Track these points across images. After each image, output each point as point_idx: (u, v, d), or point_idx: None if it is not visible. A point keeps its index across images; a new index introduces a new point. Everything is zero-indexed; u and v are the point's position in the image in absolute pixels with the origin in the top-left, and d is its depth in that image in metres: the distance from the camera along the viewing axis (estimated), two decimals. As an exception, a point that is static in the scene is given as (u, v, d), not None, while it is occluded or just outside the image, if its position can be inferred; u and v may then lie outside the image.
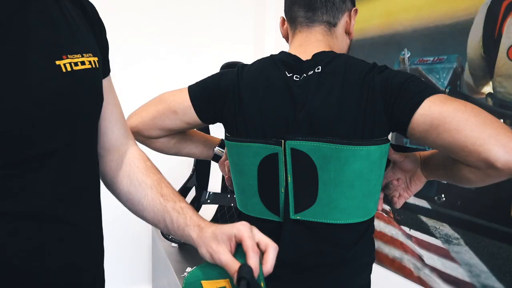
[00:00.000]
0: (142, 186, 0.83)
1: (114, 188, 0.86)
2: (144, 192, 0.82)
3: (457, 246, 1.54)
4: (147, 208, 0.81)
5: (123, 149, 0.86)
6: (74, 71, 0.66)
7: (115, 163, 0.85)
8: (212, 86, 1.01)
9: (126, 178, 0.84)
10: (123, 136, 0.87)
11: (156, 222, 0.81)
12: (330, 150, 0.86)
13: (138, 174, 0.84)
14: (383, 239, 1.82)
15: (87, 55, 0.70)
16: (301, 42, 0.99)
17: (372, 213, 0.95)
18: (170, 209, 0.79)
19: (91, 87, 0.72)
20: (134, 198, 0.83)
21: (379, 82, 0.86)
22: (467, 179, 0.84)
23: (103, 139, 0.83)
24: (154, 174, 0.85)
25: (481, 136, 0.75)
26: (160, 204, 0.80)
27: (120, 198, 0.86)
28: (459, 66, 1.50)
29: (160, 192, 0.81)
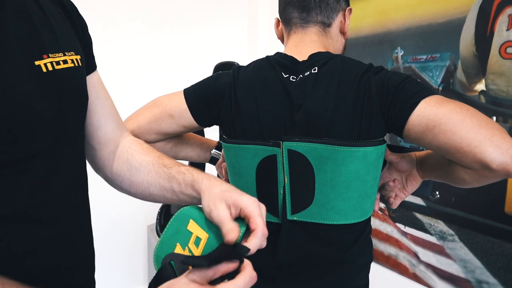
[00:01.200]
0: (143, 165, 0.82)
1: (114, 178, 0.85)
2: (147, 169, 0.81)
3: (452, 242, 1.56)
4: (152, 182, 0.80)
5: (118, 140, 0.86)
6: (56, 70, 0.65)
7: (112, 155, 0.84)
8: (208, 88, 1.00)
9: (126, 164, 0.83)
10: (118, 128, 0.86)
11: (164, 192, 0.79)
12: (327, 151, 0.87)
13: (137, 156, 0.83)
14: (378, 236, 1.84)
15: (69, 53, 0.69)
16: (296, 43, 0.99)
17: (368, 214, 0.95)
18: (175, 174, 0.77)
19: (74, 86, 0.70)
20: (137, 180, 0.82)
21: (375, 83, 0.87)
22: (462, 179, 0.85)
23: (98, 134, 0.83)
24: (153, 151, 0.85)
25: (477, 137, 0.75)
26: (164, 173, 0.79)
27: (123, 186, 0.85)
28: (452, 64, 1.51)
29: (162, 164, 0.80)
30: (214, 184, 0.70)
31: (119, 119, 0.88)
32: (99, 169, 0.87)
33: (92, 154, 0.85)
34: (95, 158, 0.85)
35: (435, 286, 1.62)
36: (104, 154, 0.84)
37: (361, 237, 0.96)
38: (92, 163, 0.87)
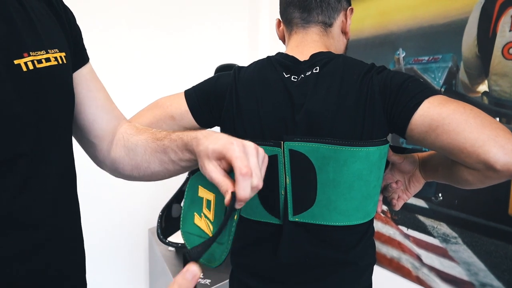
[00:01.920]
0: (139, 145, 0.81)
1: (116, 167, 0.84)
2: (143, 149, 0.80)
3: (455, 245, 1.54)
4: (151, 160, 0.79)
5: (115, 131, 0.84)
6: (37, 69, 0.63)
7: (110, 146, 0.83)
8: (209, 89, 1.00)
9: (123, 150, 0.82)
10: (114, 119, 0.85)
11: (165, 165, 0.78)
12: (329, 151, 0.86)
13: (132, 138, 0.82)
14: (381, 239, 1.82)
15: (53, 50, 0.67)
16: (297, 43, 0.98)
17: (371, 215, 0.94)
18: (168, 143, 0.76)
19: (57, 85, 0.68)
20: (137, 161, 0.80)
21: (378, 83, 0.86)
22: (466, 180, 0.84)
23: (94, 127, 0.81)
24: (148, 130, 0.83)
25: (480, 137, 0.74)
26: (159, 147, 0.77)
27: (125, 172, 0.83)
28: (454, 65, 1.50)
29: (156, 138, 0.79)
30: (201, 142, 0.67)
31: (115, 109, 0.86)
32: (102, 163, 0.85)
33: (92, 149, 0.83)
34: (96, 152, 0.84)
35: (438, 289, 1.61)
36: (103, 147, 0.83)
37: (364, 238, 0.95)
38: (94, 158, 0.85)
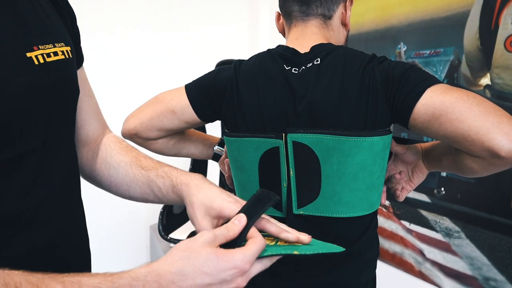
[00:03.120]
0: (121, 166, 0.80)
1: (94, 177, 0.83)
2: (124, 171, 0.79)
3: (458, 239, 1.54)
4: (131, 186, 0.78)
5: (99, 139, 0.83)
6: (47, 63, 0.62)
7: (91, 154, 0.82)
8: (209, 83, 0.99)
9: (104, 163, 0.81)
10: (100, 127, 0.84)
11: (146, 196, 0.78)
12: (333, 142, 0.85)
13: (115, 156, 0.81)
14: (383, 234, 1.82)
15: (59, 44, 0.66)
16: (297, 36, 0.98)
17: (376, 206, 0.94)
18: (154, 177, 0.75)
19: (65, 79, 0.67)
20: (116, 180, 0.80)
21: (380, 73, 0.85)
22: (470, 168, 0.83)
23: (80, 132, 0.80)
24: (131, 151, 0.82)
25: (484, 125, 0.74)
26: (142, 176, 0.77)
27: (103, 185, 0.83)
28: (456, 58, 1.50)
29: (140, 166, 0.78)
30: (193, 192, 0.69)
31: (102, 117, 0.86)
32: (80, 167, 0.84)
33: None
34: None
35: (441, 283, 1.60)
36: (83, 153, 0.82)
37: (368, 231, 0.95)
38: None
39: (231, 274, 0.53)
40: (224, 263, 0.53)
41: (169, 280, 0.51)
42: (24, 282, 0.46)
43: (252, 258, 0.55)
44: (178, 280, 0.51)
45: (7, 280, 0.46)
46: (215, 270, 0.52)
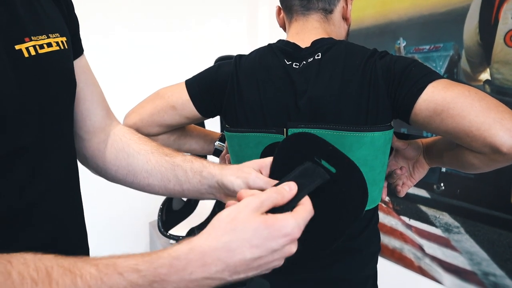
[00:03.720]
0: (142, 153, 0.78)
1: (109, 168, 0.81)
2: (146, 158, 0.78)
3: (458, 234, 1.54)
4: (152, 172, 0.77)
5: (108, 129, 0.82)
6: (39, 55, 0.60)
7: (103, 144, 0.80)
8: (210, 78, 0.99)
9: (121, 153, 0.80)
10: (107, 116, 0.83)
11: (165, 182, 0.76)
12: (334, 137, 0.85)
13: (134, 145, 0.80)
14: (383, 229, 1.82)
15: (54, 35, 0.63)
16: (298, 31, 0.97)
17: (376, 201, 0.94)
18: (180, 162, 0.74)
19: (60, 71, 0.65)
20: (135, 168, 0.78)
21: (381, 68, 0.85)
22: (472, 164, 0.83)
23: (87, 123, 0.78)
24: (150, 141, 0.81)
25: (486, 121, 0.74)
26: (167, 162, 0.76)
27: (118, 175, 0.81)
28: (455, 53, 1.49)
29: (163, 153, 0.77)
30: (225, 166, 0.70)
31: (108, 107, 0.84)
32: (87, 160, 0.83)
33: (80, 145, 0.81)
34: (84, 149, 0.81)
35: (440, 279, 1.61)
36: (93, 144, 0.80)
37: (369, 226, 0.95)
38: (79, 154, 0.82)
39: (282, 243, 0.50)
40: (275, 232, 0.49)
41: (214, 258, 0.47)
42: (55, 266, 0.45)
43: (303, 225, 0.52)
44: (225, 256, 0.48)
45: (38, 264, 0.45)
46: (265, 241, 0.49)
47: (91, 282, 0.45)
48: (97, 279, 0.45)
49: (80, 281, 0.44)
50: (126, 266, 0.47)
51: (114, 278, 0.45)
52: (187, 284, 0.47)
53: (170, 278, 0.47)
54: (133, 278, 0.46)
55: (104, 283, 0.45)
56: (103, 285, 0.45)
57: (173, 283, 0.47)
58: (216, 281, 0.48)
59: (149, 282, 0.46)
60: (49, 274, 0.44)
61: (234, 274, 0.49)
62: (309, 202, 0.55)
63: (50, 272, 0.44)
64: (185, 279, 0.47)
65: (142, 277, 0.46)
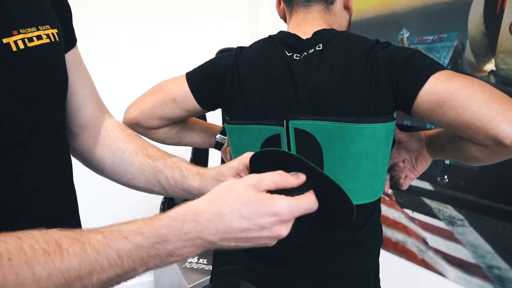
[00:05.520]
0: (126, 153, 0.78)
1: (95, 164, 0.81)
2: (129, 159, 0.77)
3: (461, 227, 1.53)
4: (136, 174, 0.77)
5: (99, 123, 0.81)
6: (29, 48, 0.58)
7: (92, 139, 0.79)
8: (210, 70, 0.98)
9: (107, 150, 0.79)
10: (98, 110, 0.81)
11: (150, 186, 0.76)
12: (335, 128, 0.83)
13: (119, 143, 0.79)
14: (385, 222, 1.81)
15: (44, 27, 0.61)
16: (298, 22, 0.96)
17: (379, 194, 0.92)
18: (162, 167, 0.74)
19: (51, 65, 0.63)
20: (120, 168, 0.78)
21: (383, 58, 0.83)
22: (474, 157, 0.82)
23: (78, 116, 0.77)
24: (136, 139, 0.80)
25: (489, 112, 0.72)
26: (149, 166, 0.75)
27: (105, 172, 0.81)
28: (460, 44, 1.47)
29: (146, 155, 0.76)
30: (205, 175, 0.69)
31: (100, 100, 0.83)
32: (76, 154, 0.82)
33: (71, 139, 0.79)
34: (73, 143, 0.80)
35: (444, 272, 1.60)
36: (83, 139, 0.79)
37: (371, 218, 0.94)
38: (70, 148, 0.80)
39: (270, 222, 0.51)
40: (264, 209, 0.50)
41: (206, 219, 0.50)
42: (63, 237, 0.47)
43: (296, 211, 0.52)
44: (215, 219, 0.50)
45: (46, 237, 0.46)
46: (254, 215, 0.50)
47: (99, 248, 0.47)
48: (105, 245, 0.48)
49: (89, 248, 0.47)
50: (130, 230, 0.50)
51: (120, 242, 0.48)
52: (184, 243, 0.50)
53: (170, 238, 0.50)
54: (138, 240, 0.49)
55: (111, 248, 0.48)
56: (111, 249, 0.48)
57: (172, 243, 0.50)
58: (208, 243, 0.51)
59: (152, 243, 0.49)
60: (58, 245, 0.46)
61: (224, 240, 0.51)
62: (312, 194, 0.55)
63: (59, 243, 0.46)
64: (182, 238, 0.50)
65: (145, 239, 0.49)
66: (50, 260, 0.44)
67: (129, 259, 0.48)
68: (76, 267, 0.45)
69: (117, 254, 0.47)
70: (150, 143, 0.81)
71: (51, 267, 0.44)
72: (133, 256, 0.48)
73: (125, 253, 0.48)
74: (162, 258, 0.50)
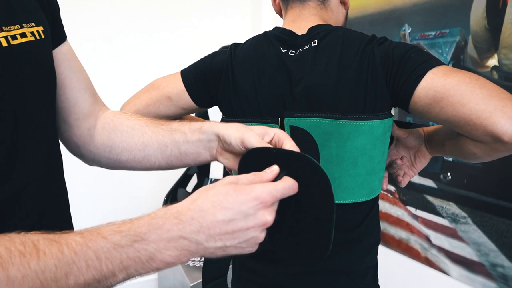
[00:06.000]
0: (136, 128, 0.78)
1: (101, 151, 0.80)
2: (141, 132, 0.78)
3: (465, 225, 1.51)
4: (149, 142, 0.77)
5: (97, 114, 0.81)
6: (12, 46, 0.57)
7: (93, 129, 0.80)
8: (205, 67, 0.97)
9: (114, 133, 0.79)
10: (95, 102, 0.82)
11: (162, 148, 0.76)
12: (331, 126, 0.82)
13: (128, 122, 0.80)
14: (388, 220, 1.79)
15: (28, 25, 0.61)
16: (294, 18, 0.95)
17: (376, 192, 0.91)
18: (178, 127, 0.75)
19: (36, 63, 0.62)
20: (130, 144, 0.78)
21: (379, 54, 0.82)
22: (473, 154, 0.80)
23: (76, 109, 0.78)
24: (143, 117, 0.81)
25: (487, 108, 0.71)
26: (163, 130, 0.76)
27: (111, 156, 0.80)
28: (462, 39, 1.45)
29: (158, 123, 0.78)
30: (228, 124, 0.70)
31: (96, 93, 0.83)
32: (79, 148, 0.81)
33: (70, 132, 0.79)
34: (74, 136, 0.80)
35: (447, 270, 1.58)
36: (84, 130, 0.79)
37: (369, 216, 0.92)
38: (69, 142, 0.81)
39: (252, 207, 0.51)
40: (243, 196, 0.51)
41: (189, 216, 0.50)
42: (41, 239, 0.46)
43: (275, 192, 0.53)
44: (198, 216, 0.50)
45: (24, 239, 0.45)
46: (235, 203, 0.51)
47: (77, 248, 0.46)
48: (83, 245, 0.46)
49: (66, 249, 0.46)
50: (109, 229, 0.49)
51: (99, 242, 0.47)
52: (166, 245, 0.49)
53: (149, 237, 0.48)
54: (116, 239, 0.47)
55: (89, 248, 0.46)
56: (89, 250, 0.46)
57: (152, 242, 0.48)
58: (193, 244, 0.50)
59: (130, 242, 0.48)
60: (35, 246, 0.45)
61: (210, 239, 0.50)
62: (289, 178, 0.56)
63: (36, 244, 0.45)
64: (163, 237, 0.48)
65: (124, 237, 0.48)
66: (26, 261, 0.43)
67: (108, 261, 0.46)
68: (52, 268, 0.44)
69: (95, 254, 0.46)
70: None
71: (26, 269, 0.43)
72: (112, 258, 0.47)
73: (103, 254, 0.46)
74: (143, 262, 0.48)
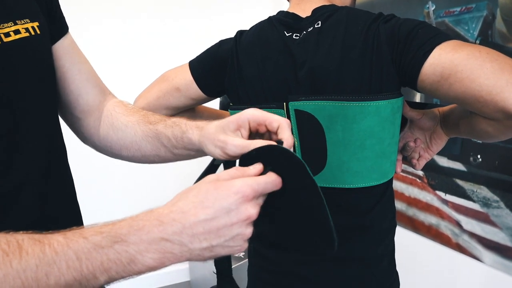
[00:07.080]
0: (129, 126, 0.78)
1: (104, 145, 0.82)
2: (133, 131, 0.77)
3: (497, 209, 1.44)
4: (141, 143, 0.76)
5: (102, 106, 0.82)
6: (6, 43, 0.58)
7: (98, 122, 0.81)
8: (211, 57, 0.97)
9: (112, 128, 0.79)
10: (100, 93, 0.82)
11: (157, 151, 0.76)
12: (336, 108, 0.80)
13: (121, 118, 0.79)
14: (417, 205, 1.74)
15: (22, 21, 0.61)
16: (299, 1, 0.93)
17: (389, 175, 0.88)
18: (162, 129, 0.74)
19: (31, 59, 0.63)
20: (126, 142, 0.78)
21: (385, 32, 0.79)
22: (486, 133, 0.76)
23: (80, 102, 0.78)
24: (138, 111, 0.80)
25: (498, 83, 0.66)
26: (151, 131, 0.75)
27: (113, 151, 0.81)
28: (489, 13, 1.37)
29: (148, 122, 0.76)
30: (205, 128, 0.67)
31: (101, 83, 0.84)
32: (86, 139, 0.83)
33: (78, 124, 0.81)
34: (81, 128, 0.81)
35: (480, 256, 1.52)
36: (89, 123, 0.80)
37: (381, 201, 0.89)
38: (78, 133, 0.83)
39: (234, 202, 0.50)
40: (224, 192, 0.50)
41: (170, 218, 0.49)
42: (26, 239, 0.46)
43: (256, 186, 0.51)
44: (179, 217, 0.49)
45: (9, 238, 0.46)
46: (216, 201, 0.50)
47: (58, 249, 0.46)
48: (64, 245, 0.47)
49: (48, 248, 0.46)
50: (90, 230, 0.49)
51: (80, 242, 0.47)
52: (147, 247, 0.48)
53: (129, 238, 0.48)
54: (96, 240, 0.47)
55: (70, 248, 0.46)
56: (69, 250, 0.46)
57: (132, 244, 0.48)
58: (176, 245, 0.49)
59: (111, 243, 0.47)
60: (19, 246, 0.45)
61: (194, 240, 0.49)
62: (272, 173, 0.54)
63: (20, 244, 0.46)
64: (144, 239, 0.48)
65: (104, 238, 0.47)
66: (8, 260, 0.44)
67: (88, 262, 0.46)
68: (33, 268, 0.44)
69: (75, 255, 0.46)
70: (152, 113, 0.81)
71: (8, 268, 0.43)
72: (92, 259, 0.46)
73: (83, 254, 0.46)
74: (124, 265, 0.47)
